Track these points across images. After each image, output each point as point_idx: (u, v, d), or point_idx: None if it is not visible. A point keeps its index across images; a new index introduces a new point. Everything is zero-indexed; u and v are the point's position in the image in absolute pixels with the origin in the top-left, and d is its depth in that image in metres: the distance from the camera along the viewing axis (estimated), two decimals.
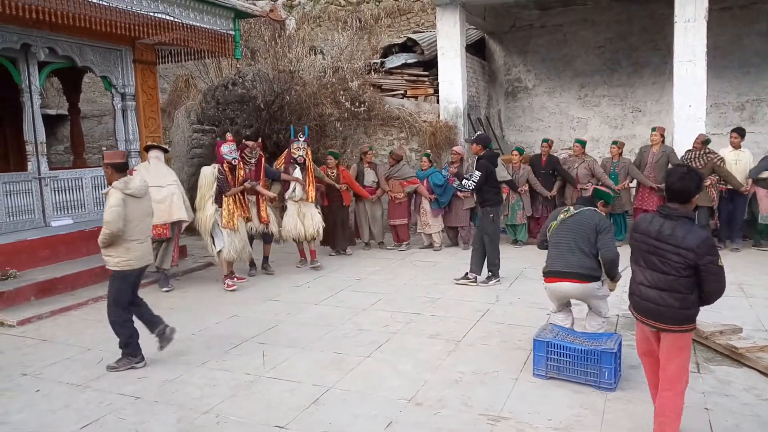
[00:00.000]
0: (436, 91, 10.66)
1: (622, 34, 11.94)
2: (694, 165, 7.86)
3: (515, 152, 8.75)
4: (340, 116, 10.45)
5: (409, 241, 8.92)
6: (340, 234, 8.37)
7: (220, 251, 6.68)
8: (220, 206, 6.66)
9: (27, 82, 6.93)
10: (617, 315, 5.20)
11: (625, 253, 3.56)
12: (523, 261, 7.58)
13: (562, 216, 4.37)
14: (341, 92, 10.40)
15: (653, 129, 8.51)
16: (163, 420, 3.67)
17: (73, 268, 6.87)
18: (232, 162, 6.72)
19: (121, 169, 4.56)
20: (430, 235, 8.71)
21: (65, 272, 6.71)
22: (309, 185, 7.47)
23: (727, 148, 8.16)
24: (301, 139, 7.50)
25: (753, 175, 7.81)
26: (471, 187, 6.59)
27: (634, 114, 12.12)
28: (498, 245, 6.70)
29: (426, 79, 11.16)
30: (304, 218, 7.43)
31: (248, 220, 7.00)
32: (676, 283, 2.97)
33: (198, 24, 7.49)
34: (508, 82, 13.22)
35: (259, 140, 7.58)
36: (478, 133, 6.73)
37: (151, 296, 6.65)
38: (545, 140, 8.90)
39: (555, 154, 9.41)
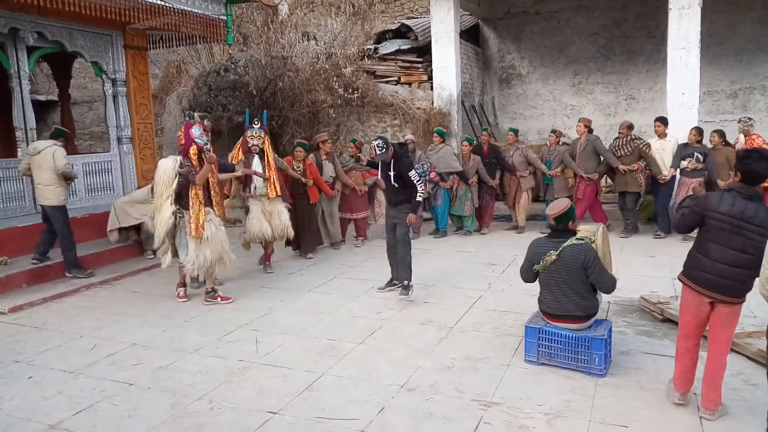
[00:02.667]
0: (430, 78, 10.62)
1: (617, 20, 11.92)
2: (621, 152, 8.11)
3: (465, 143, 8.55)
4: (334, 103, 10.41)
5: (365, 237, 8.40)
6: (307, 235, 7.48)
7: (182, 265, 5.68)
8: (185, 208, 5.55)
9: (16, 67, 6.86)
10: (608, 302, 5.24)
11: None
12: (515, 248, 7.60)
13: (543, 262, 3.94)
14: (334, 78, 10.35)
15: (579, 120, 8.67)
16: (157, 406, 3.68)
17: None
18: (205, 147, 5.67)
19: (53, 135, 6.54)
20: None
21: (57, 259, 6.67)
22: (271, 179, 6.54)
23: (653, 138, 8.31)
24: (256, 126, 6.54)
25: (674, 164, 7.95)
26: (422, 192, 5.57)
27: (628, 101, 12.14)
28: (410, 249, 5.74)
29: (420, 65, 11.12)
30: (271, 217, 6.60)
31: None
32: (751, 261, 3.14)
33: (189, 9, 7.41)
34: (502, 68, 13.19)
35: (208, 122, 6.50)
36: (380, 136, 5.76)
37: (143, 284, 6.66)
38: (484, 129, 8.93)
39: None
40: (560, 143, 8.60)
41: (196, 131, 5.71)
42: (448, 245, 8.08)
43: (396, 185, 5.59)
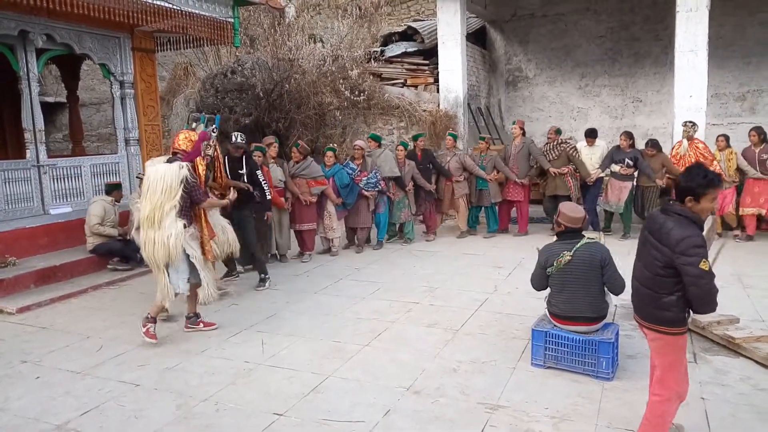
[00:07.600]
0: (437, 80, 10.63)
1: (624, 23, 11.88)
2: (550, 156, 8.25)
3: (400, 147, 8.23)
4: (340, 105, 10.43)
5: (313, 250, 7.73)
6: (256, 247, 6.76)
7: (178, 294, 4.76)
8: (189, 224, 4.73)
9: (25, 69, 6.89)
10: (615, 305, 5.21)
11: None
12: (521, 251, 7.59)
13: (557, 263, 3.94)
14: (341, 81, 10.37)
15: (513, 122, 8.73)
16: (163, 407, 3.69)
17: (72, 256, 6.88)
18: (205, 160, 4.99)
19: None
20: (331, 239, 7.81)
21: (64, 260, 6.72)
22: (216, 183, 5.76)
23: (582, 142, 8.54)
24: (215, 134, 5.46)
25: (603, 168, 8.15)
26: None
27: (635, 104, 12.10)
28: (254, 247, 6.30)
29: (426, 67, 11.12)
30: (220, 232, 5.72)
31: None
32: (653, 281, 2.86)
33: (197, 11, 7.44)
34: (508, 71, 13.17)
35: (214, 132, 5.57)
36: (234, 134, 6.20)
37: (150, 285, 6.67)
38: (421, 135, 8.66)
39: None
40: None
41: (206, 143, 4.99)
42: (455, 248, 8.07)
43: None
